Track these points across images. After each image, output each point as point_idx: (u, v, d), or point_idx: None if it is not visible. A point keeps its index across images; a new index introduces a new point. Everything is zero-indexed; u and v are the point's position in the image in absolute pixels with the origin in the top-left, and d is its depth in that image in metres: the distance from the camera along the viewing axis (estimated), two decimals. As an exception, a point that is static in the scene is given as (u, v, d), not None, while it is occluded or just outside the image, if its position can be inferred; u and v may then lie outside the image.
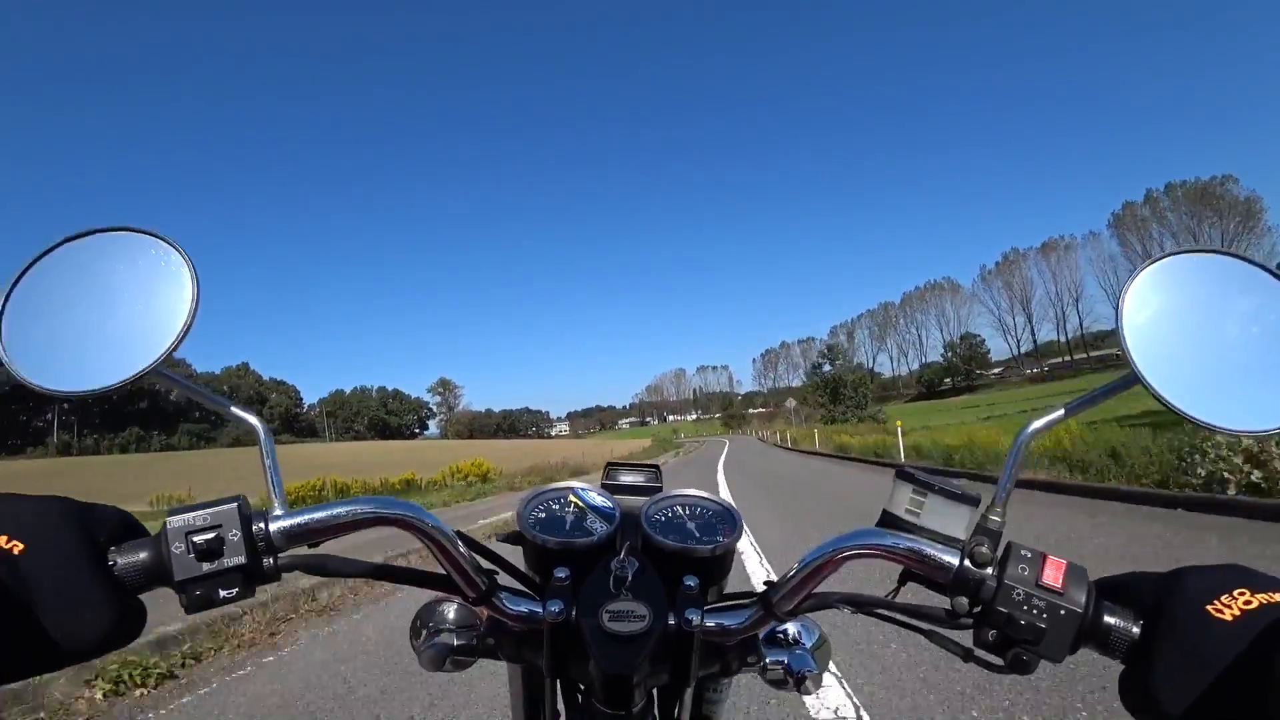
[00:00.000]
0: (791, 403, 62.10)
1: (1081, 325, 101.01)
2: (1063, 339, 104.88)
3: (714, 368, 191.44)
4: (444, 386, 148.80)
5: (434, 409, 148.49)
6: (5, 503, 0.41)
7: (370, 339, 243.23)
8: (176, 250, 0.51)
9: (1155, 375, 0.47)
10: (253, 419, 0.53)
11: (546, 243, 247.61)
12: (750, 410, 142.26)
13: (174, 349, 0.49)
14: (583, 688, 0.57)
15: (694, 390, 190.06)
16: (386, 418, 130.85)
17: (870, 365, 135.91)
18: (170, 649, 3.54)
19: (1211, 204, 70.74)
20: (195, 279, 0.50)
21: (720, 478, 15.59)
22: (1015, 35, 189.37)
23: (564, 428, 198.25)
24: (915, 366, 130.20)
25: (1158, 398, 0.46)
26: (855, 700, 2.58)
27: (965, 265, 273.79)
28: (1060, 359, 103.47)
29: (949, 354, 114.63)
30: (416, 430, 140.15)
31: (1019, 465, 0.50)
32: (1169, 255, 0.51)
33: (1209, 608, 0.37)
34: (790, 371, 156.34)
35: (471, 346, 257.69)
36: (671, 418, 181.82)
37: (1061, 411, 0.51)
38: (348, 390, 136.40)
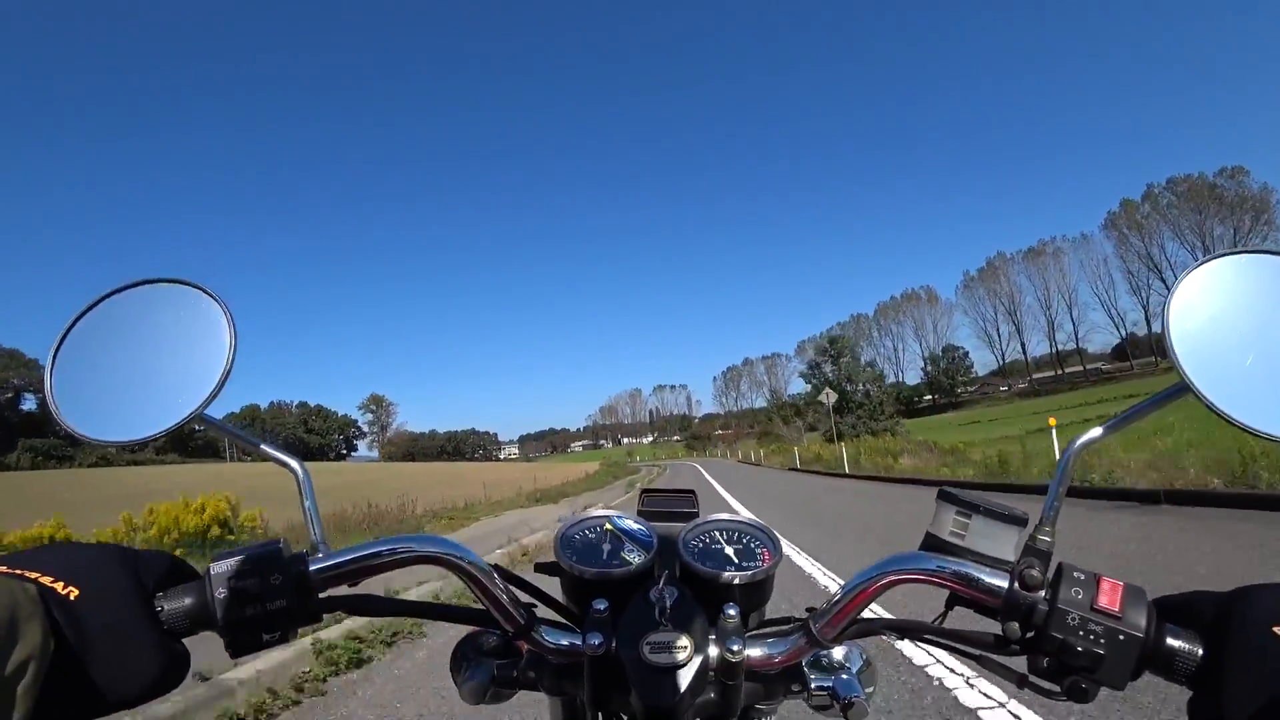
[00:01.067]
0: (798, 424, 52.53)
1: (1077, 336, 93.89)
2: (1052, 351, 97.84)
3: (671, 387, 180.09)
4: (376, 404, 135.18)
5: (364, 428, 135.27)
6: (59, 549, 0.43)
7: (293, 350, 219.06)
8: (215, 300, 0.54)
9: (1206, 384, 0.45)
10: (291, 461, 0.56)
11: (496, 257, 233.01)
12: (716, 432, 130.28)
13: (215, 396, 0.51)
14: None
15: (650, 411, 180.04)
16: (307, 437, 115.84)
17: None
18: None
19: (1220, 198, 65.29)
20: (233, 327, 0.53)
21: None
22: (996, 32, 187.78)
23: (513, 450, 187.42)
24: (891, 382, 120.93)
25: (1210, 407, 0.45)
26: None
27: (944, 274, 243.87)
28: (1052, 373, 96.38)
29: (929, 368, 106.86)
30: (343, 451, 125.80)
31: (1067, 481, 0.49)
32: (1215, 258, 0.49)
33: (1275, 628, 0.36)
34: (754, 390, 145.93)
35: (411, 363, 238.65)
36: (626, 440, 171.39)
37: (1103, 429, 0.51)
38: (264, 405, 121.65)
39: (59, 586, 0.39)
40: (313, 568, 0.48)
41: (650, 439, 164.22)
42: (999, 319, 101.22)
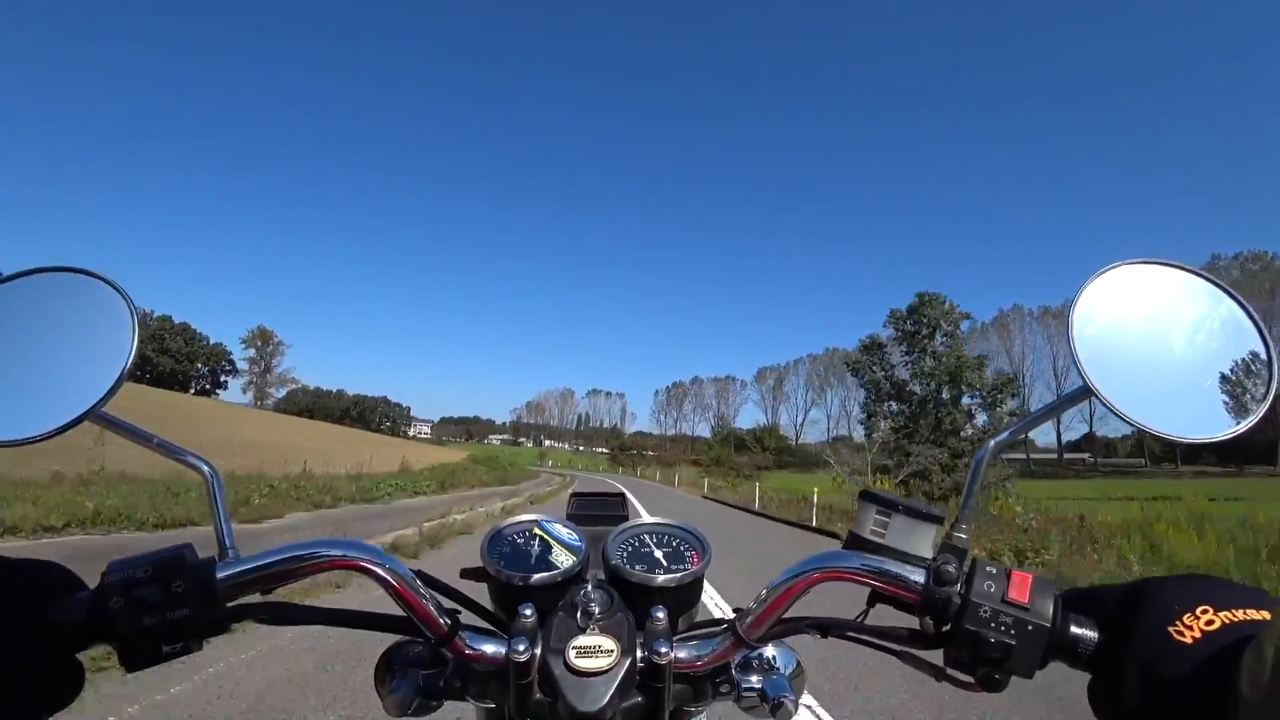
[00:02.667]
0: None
1: (1091, 417, 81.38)
2: (1056, 429, 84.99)
3: (607, 393, 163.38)
4: (262, 338, 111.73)
5: (239, 365, 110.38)
6: None
7: (171, 247, 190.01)
8: (115, 289, 0.51)
9: (1106, 386, 0.47)
10: (201, 464, 0.53)
11: (438, 218, 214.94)
12: (648, 451, 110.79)
13: (115, 391, 0.48)
14: None
15: (580, 415, 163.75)
16: (158, 358, 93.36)
17: (800, 423, 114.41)
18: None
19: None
20: (134, 320, 0.50)
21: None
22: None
23: (425, 430, 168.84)
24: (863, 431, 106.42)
25: (1109, 407, 0.47)
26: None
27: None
28: (1054, 455, 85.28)
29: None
30: (208, 387, 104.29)
31: (981, 481, 0.51)
32: (1114, 267, 0.51)
33: (1171, 629, 0.38)
34: (698, 414, 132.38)
35: (320, 309, 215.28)
36: (549, 443, 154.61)
37: (1010, 431, 0.54)
38: None
39: None
40: (220, 575, 0.46)
41: (572, 447, 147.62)
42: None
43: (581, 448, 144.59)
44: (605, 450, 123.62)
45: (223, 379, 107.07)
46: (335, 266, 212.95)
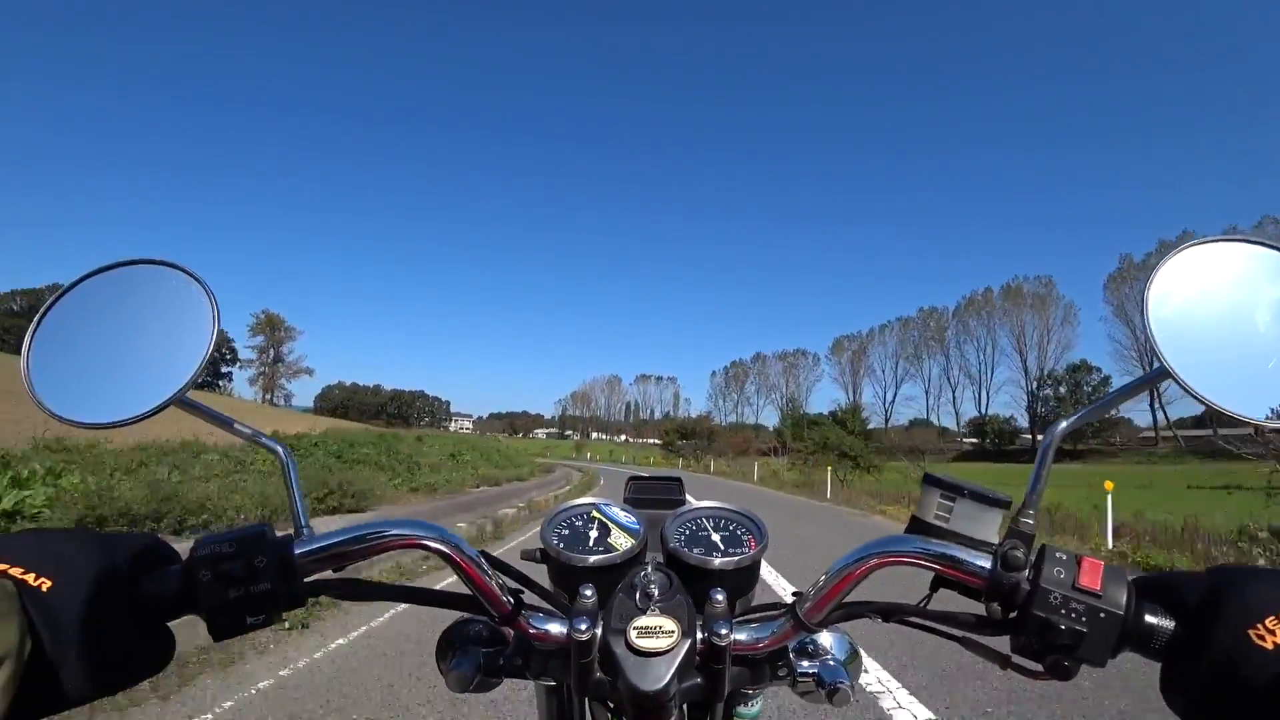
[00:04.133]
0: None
1: (1159, 404, 62.51)
2: (1153, 404, 64.76)
3: (658, 378, 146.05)
4: (270, 324, 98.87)
5: (240, 353, 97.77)
6: (30, 537, 0.41)
7: (182, 203, 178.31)
8: (198, 282, 0.54)
9: (1184, 368, 0.46)
10: (277, 446, 0.57)
11: (474, 213, 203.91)
12: (710, 436, 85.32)
13: (196, 379, 0.50)
14: (612, 706, 0.56)
15: (628, 404, 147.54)
16: None
17: (890, 401, 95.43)
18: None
19: None
20: (215, 309, 0.53)
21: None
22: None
23: (467, 424, 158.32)
24: (967, 410, 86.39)
25: (1188, 390, 0.45)
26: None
27: (1069, 271, 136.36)
28: (1202, 431, 62.66)
29: (1043, 388, 74.83)
30: (207, 379, 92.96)
31: (1049, 466, 0.49)
32: (1189, 246, 0.50)
33: (1251, 632, 0.37)
34: (762, 395, 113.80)
35: (341, 301, 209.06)
36: (596, 435, 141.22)
37: (1080, 415, 0.51)
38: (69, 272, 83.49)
39: (30, 578, 0.38)
40: (297, 551, 0.48)
41: (624, 439, 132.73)
42: (1139, 348, 65.60)
43: (627, 439, 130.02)
44: (657, 441, 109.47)
45: (224, 370, 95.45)
46: (370, 262, 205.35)
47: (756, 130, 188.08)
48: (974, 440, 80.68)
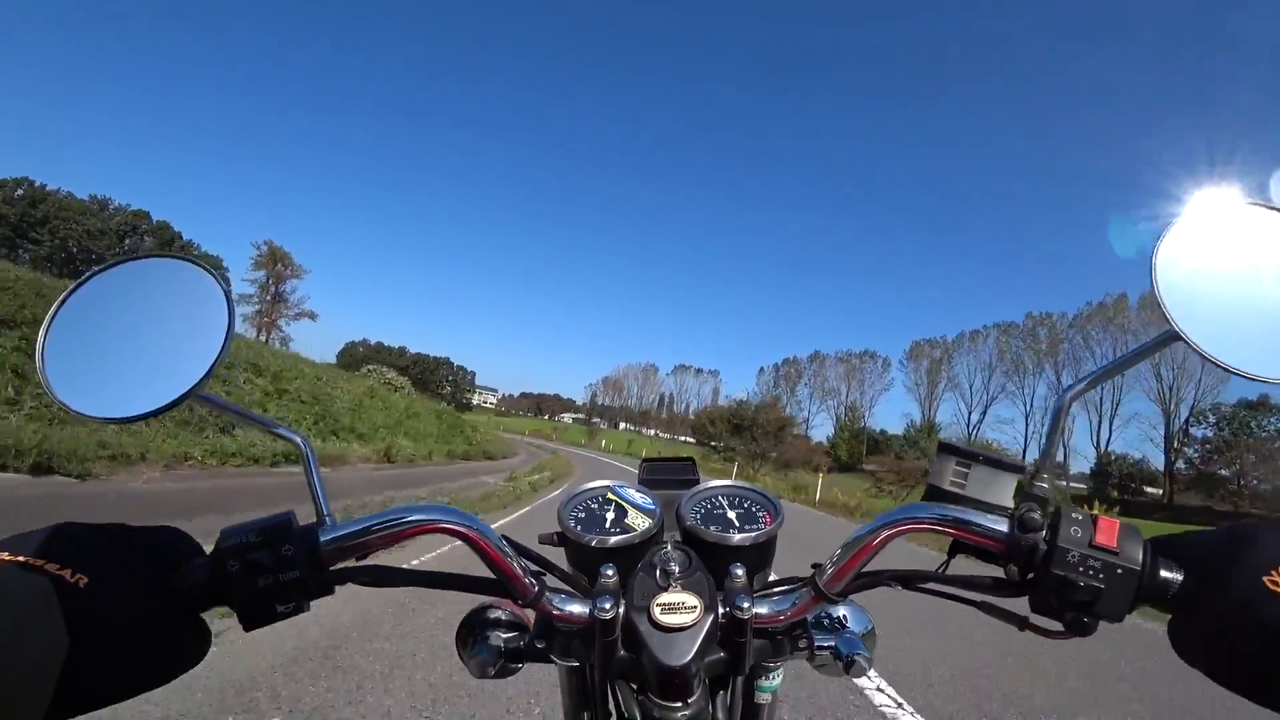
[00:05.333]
0: None
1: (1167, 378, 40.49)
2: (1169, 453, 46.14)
3: (697, 370, 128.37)
4: (273, 258, 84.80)
5: (239, 291, 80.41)
6: (65, 533, 0.41)
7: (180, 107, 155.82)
8: (213, 276, 0.54)
9: (1194, 330, 0.46)
10: (295, 437, 0.57)
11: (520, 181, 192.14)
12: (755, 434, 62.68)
13: (212, 372, 0.50)
14: (635, 686, 0.57)
15: (661, 396, 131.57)
16: (91, 245, 67.86)
17: (976, 423, 78.50)
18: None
19: None
20: (230, 305, 0.53)
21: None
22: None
23: (491, 399, 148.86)
24: (1080, 445, 65.22)
25: (1198, 351, 0.46)
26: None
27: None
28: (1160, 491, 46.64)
29: (1193, 425, 55.66)
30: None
31: (1061, 430, 0.50)
32: (1196, 209, 0.50)
33: (1265, 579, 0.38)
34: (816, 400, 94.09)
35: (387, 259, 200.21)
36: (624, 426, 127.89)
37: (1089, 378, 0.51)
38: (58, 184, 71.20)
39: (67, 575, 0.38)
40: (323, 539, 0.48)
41: (653, 432, 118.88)
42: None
43: (656, 432, 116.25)
44: (690, 439, 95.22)
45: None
46: (409, 219, 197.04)
47: (843, 119, 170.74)
48: (1081, 485, 62.87)
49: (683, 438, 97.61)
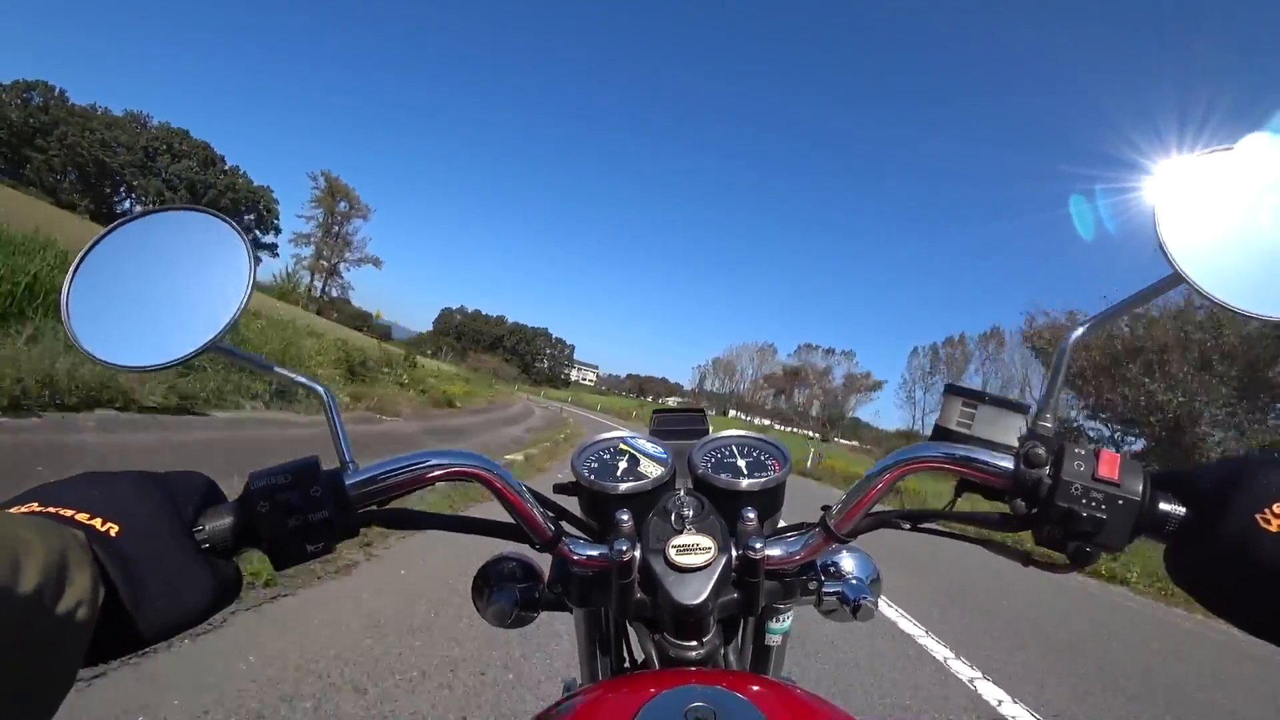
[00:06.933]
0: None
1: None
2: None
3: (826, 349, 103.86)
4: (332, 193, 73.68)
5: (294, 230, 73.24)
6: (92, 482, 0.42)
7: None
8: (234, 229, 0.54)
9: (1196, 272, 0.47)
10: (317, 386, 0.58)
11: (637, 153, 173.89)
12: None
13: (233, 324, 0.51)
14: (650, 628, 0.58)
15: (786, 370, 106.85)
16: (143, 182, 57.46)
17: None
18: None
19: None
20: (251, 258, 0.54)
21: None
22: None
23: (590, 376, 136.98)
24: None
25: (1200, 292, 0.46)
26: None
27: None
28: None
29: None
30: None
31: (1065, 370, 0.50)
32: (1197, 153, 0.51)
33: (1259, 517, 0.39)
34: (992, 385, 57.77)
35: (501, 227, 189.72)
36: (734, 413, 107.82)
37: (1093, 320, 0.53)
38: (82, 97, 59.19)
39: (99, 524, 0.39)
40: (348, 481, 0.49)
41: (766, 422, 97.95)
42: None
43: (773, 423, 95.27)
44: (814, 434, 74.34)
45: (263, 239, 71.31)
46: (524, 185, 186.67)
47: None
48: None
49: (810, 433, 76.52)
